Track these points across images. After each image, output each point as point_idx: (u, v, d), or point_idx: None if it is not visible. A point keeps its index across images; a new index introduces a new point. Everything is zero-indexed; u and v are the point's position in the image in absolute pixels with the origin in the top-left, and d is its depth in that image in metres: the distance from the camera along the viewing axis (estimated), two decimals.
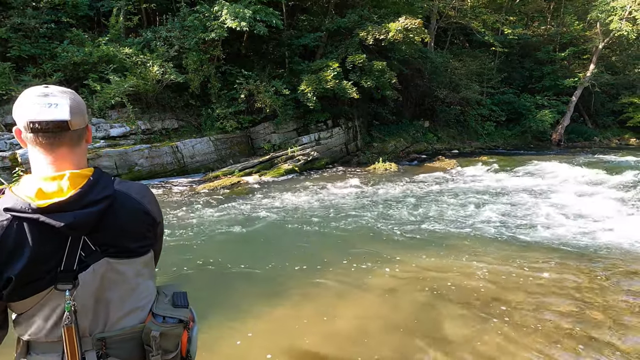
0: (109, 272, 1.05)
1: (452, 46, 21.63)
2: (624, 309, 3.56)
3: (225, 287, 4.10)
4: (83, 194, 0.99)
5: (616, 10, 17.13)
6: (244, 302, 3.78)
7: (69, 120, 1.03)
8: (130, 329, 1.08)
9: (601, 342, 3.07)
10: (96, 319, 1.05)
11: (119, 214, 1.07)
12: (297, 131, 13.88)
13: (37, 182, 0.99)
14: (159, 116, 11.70)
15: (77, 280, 1.01)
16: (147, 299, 1.15)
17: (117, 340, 1.06)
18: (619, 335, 3.15)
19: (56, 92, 1.05)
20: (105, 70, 10.37)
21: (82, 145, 1.11)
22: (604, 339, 3.10)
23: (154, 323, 1.10)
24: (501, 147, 18.71)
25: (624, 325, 3.29)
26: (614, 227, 5.67)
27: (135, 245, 1.10)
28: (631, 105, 20.44)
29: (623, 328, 3.26)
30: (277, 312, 3.62)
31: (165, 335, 1.09)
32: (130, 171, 9.77)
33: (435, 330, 3.27)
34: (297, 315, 3.58)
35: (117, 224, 1.07)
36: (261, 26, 11.61)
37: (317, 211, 7.01)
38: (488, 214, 6.66)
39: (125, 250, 1.08)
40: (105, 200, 1.03)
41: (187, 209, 7.21)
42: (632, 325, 3.29)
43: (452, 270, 4.45)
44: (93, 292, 1.03)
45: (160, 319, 1.11)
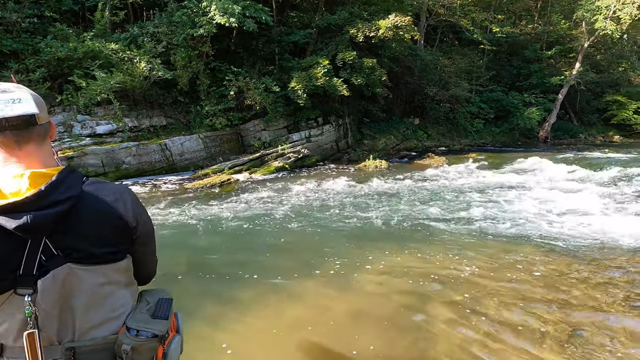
0: (72, 279, 0.99)
1: (442, 44, 21.78)
2: (607, 303, 3.64)
3: (212, 288, 4.05)
4: (42, 194, 0.93)
5: (601, 9, 17.46)
6: (230, 302, 3.76)
7: (37, 114, 0.98)
8: (101, 340, 1.03)
9: (585, 336, 3.14)
10: (64, 327, 1.00)
11: (84, 217, 1.01)
12: (287, 128, 13.83)
13: (1, 181, 0.96)
14: (146, 113, 11.52)
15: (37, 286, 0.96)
16: (123, 309, 1.09)
17: (87, 350, 1.01)
18: (602, 330, 3.23)
19: (12, 87, 1.00)
20: (90, 66, 10.15)
21: (48, 142, 1.07)
22: (588, 333, 3.17)
23: (127, 336, 1.04)
24: (490, 144, 18.95)
25: (606, 319, 3.37)
26: (597, 223, 5.80)
27: (102, 250, 1.03)
28: (615, 103, 20.89)
29: (605, 321, 3.34)
30: (264, 311, 3.61)
31: (137, 349, 1.03)
32: (118, 169, 9.61)
33: (422, 325, 3.30)
34: (286, 313, 3.57)
35: (80, 227, 1.01)
36: (250, 22, 11.51)
37: (307, 209, 7.01)
38: (475, 210, 6.74)
39: (90, 255, 1.02)
40: (68, 201, 0.97)
41: (175, 207, 7.12)
42: (614, 319, 3.38)
43: (440, 267, 4.50)
44: (57, 299, 0.98)
45: (134, 332, 1.05)
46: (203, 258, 4.81)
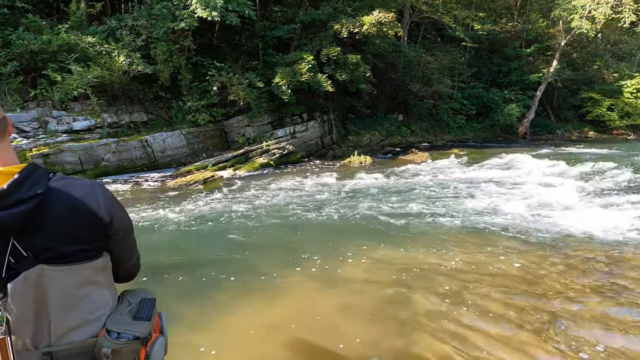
0: (44, 280, 0.96)
1: (425, 41, 21.99)
2: (582, 292, 3.80)
3: (193, 288, 3.97)
4: (3, 194, 0.90)
5: (577, 9, 17.99)
6: (212, 302, 3.72)
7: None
8: (80, 343, 1.00)
9: (563, 325, 3.26)
10: (40, 331, 0.97)
11: (52, 214, 0.97)
12: (272, 124, 13.73)
13: None
14: (126, 109, 11.22)
15: (7, 290, 0.93)
16: (102, 311, 1.06)
17: (65, 355, 0.98)
18: (578, 318, 3.36)
19: None
20: (66, 59, 9.79)
21: (6, 139, 1.02)
22: (565, 322, 3.30)
23: (107, 339, 1.01)
24: (471, 140, 19.34)
25: (582, 308, 3.52)
26: (573, 216, 6.03)
27: (74, 249, 1.00)
28: (590, 100, 21.64)
29: (581, 310, 3.48)
30: (247, 310, 3.60)
31: (117, 352, 1.00)
32: (97, 166, 9.35)
33: (406, 317, 3.36)
34: (270, 311, 3.57)
35: (49, 226, 0.97)
36: (233, 16, 11.32)
37: (292, 205, 7.00)
38: (457, 205, 6.89)
39: (62, 255, 0.98)
40: (34, 199, 0.93)
41: (157, 205, 6.99)
42: (588, 308, 3.52)
43: (422, 260, 4.58)
44: (31, 303, 0.95)
45: (114, 335, 1.02)
46: (185, 257, 4.74)
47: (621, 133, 21.82)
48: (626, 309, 3.42)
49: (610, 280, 3.96)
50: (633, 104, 20.65)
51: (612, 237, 5.17)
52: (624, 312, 3.36)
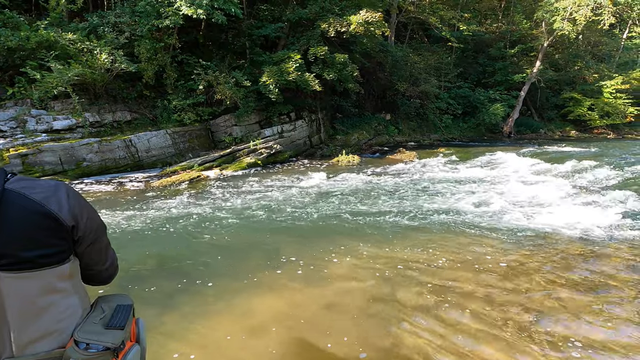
0: (2, 288, 0.92)
1: (412, 41, 22.19)
2: (564, 289, 3.88)
3: (174, 293, 3.87)
4: None
5: (559, 10, 18.41)
6: (193, 306, 3.65)
7: None
8: (45, 355, 0.96)
9: (545, 322, 3.32)
10: (1, 341, 0.93)
11: (8, 218, 0.92)
12: (259, 124, 13.63)
13: None
14: (109, 108, 10.97)
15: None
16: (70, 320, 1.01)
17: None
18: (561, 315, 3.43)
19: None
20: (45, 57, 9.50)
21: None
22: (548, 320, 3.36)
23: (75, 350, 0.96)
24: (458, 139, 19.60)
25: (564, 306, 3.59)
26: (556, 213, 6.15)
27: (34, 254, 0.95)
28: (571, 100, 22.18)
29: (563, 308, 3.55)
30: (231, 314, 3.55)
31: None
32: (78, 167, 9.10)
33: (392, 315, 3.37)
34: (254, 314, 3.53)
35: (5, 230, 0.92)
36: (219, 14, 11.18)
37: (277, 206, 6.95)
38: (443, 204, 6.95)
39: (21, 261, 0.93)
40: None
41: (140, 206, 6.84)
42: (571, 305, 3.60)
43: (407, 259, 4.61)
44: None
45: (83, 346, 0.97)
46: (162, 261, 4.62)
47: (601, 132, 22.45)
48: (608, 305, 3.51)
49: (592, 277, 4.05)
50: (612, 104, 21.25)
51: (593, 234, 5.29)
52: (605, 308, 3.44)
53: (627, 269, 4.19)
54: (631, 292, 3.70)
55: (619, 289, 3.77)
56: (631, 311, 3.37)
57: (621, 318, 3.28)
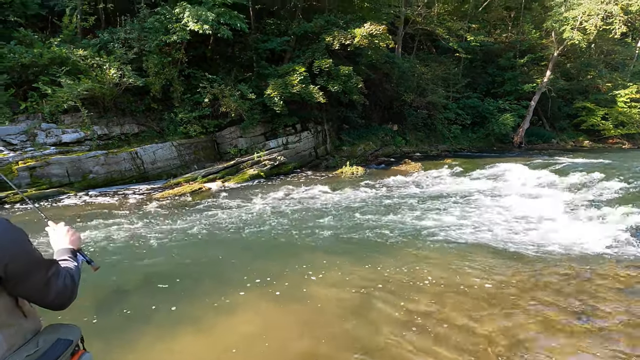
0: None
1: (419, 52, 22.19)
2: (549, 315, 3.72)
3: (149, 308, 3.82)
4: None
5: (568, 20, 18.17)
6: (169, 323, 3.62)
7: None
8: None
9: (523, 351, 3.18)
10: None
11: None
12: (264, 135, 13.76)
13: None
14: (117, 121, 11.26)
15: None
16: None
17: None
18: (542, 344, 3.28)
19: None
20: (56, 72, 9.86)
21: None
22: (527, 349, 3.22)
23: None
24: (466, 149, 19.34)
25: (545, 332, 3.44)
26: (555, 230, 5.95)
27: None
28: (584, 109, 21.70)
29: (545, 335, 3.40)
30: (210, 331, 3.53)
31: None
32: (84, 179, 9.33)
33: (371, 332, 3.28)
34: (231, 331, 3.49)
35: None
36: (225, 29, 11.45)
37: (270, 219, 6.88)
38: (440, 218, 6.81)
39: None
40: None
41: (138, 218, 6.92)
42: (553, 331, 3.44)
43: (393, 276, 4.47)
44: None
45: None
46: (143, 278, 4.50)
47: (616, 142, 21.83)
48: (595, 335, 3.34)
49: (579, 300, 3.87)
50: (627, 114, 20.69)
51: (590, 252, 5.08)
52: (591, 336, 3.28)
53: (619, 292, 4.00)
54: (620, 318, 3.52)
55: (607, 314, 3.59)
56: (617, 340, 3.20)
57: (607, 345, 3.12)
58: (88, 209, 7.74)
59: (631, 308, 3.69)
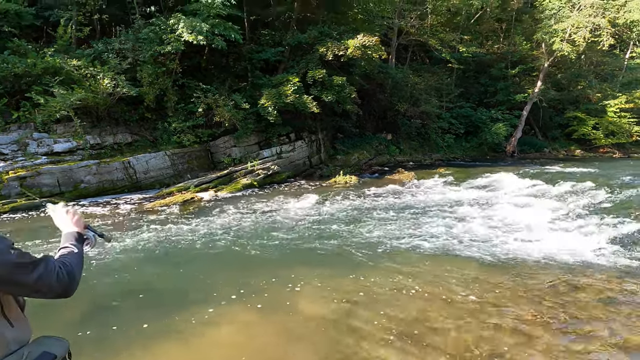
0: None
1: (412, 62, 22.50)
2: (534, 325, 3.73)
3: (131, 319, 3.77)
4: None
5: (558, 32, 18.56)
6: (153, 333, 3.61)
7: None
8: None
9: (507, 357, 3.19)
10: None
11: None
12: (258, 145, 13.80)
13: None
14: (110, 130, 11.26)
15: None
16: None
17: None
18: (527, 355, 3.29)
19: None
20: (50, 82, 9.88)
21: None
22: (510, 355, 3.22)
23: None
24: (460, 158, 19.50)
25: (530, 343, 3.45)
26: (542, 239, 5.98)
27: None
28: (575, 119, 22.04)
29: (529, 345, 3.41)
30: (195, 342, 3.50)
31: None
32: (76, 188, 9.28)
33: (352, 344, 3.27)
34: (215, 343, 3.47)
35: None
36: (220, 40, 11.56)
37: (259, 230, 6.82)
38: (429, 228, 6.82)
39: None
40: None
41: (125, 228, 6.87)
42: (538, 343, 3.46)
43: (376, 287, 4.46)
44: None
45: None
46: (135, 285, 4.49)
47: (607, 151, 22.13)
48: (577, 343, 3.36)
49: (563, 310, 3.89)
50: (617, 123, 21.03)
51: (575, 263, 5.12)
52: (571, 347, 3.30)
53: (603, 303, 4.02)
54: (604, 330, 3.54)
55: (591, 325, 3.61)
56: (601, 349, 3.22)
57: (588, 355, 3.13)
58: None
59: (611, 319, 3.72)
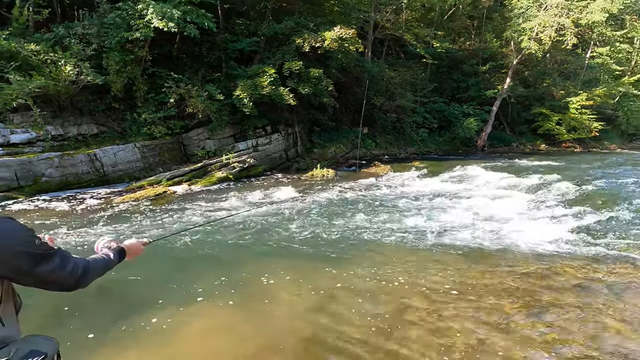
0: None
1: (388, 57, 22.69)
2: (513, 312, 3.87)
3: (97, 325, 3.55)
4: None
5: (526, 31, 19.28)
6: (125, 340, 3.46)
7: None
8: None
9: (489, 344, 3.29)
10: None
11: None
12: (234, 137, 13.49)
13: None
14: (74, 120, 10.61)
15: None
16: None
17: None
18: (508, 341, 3.40)
19: None
20: (5, 68, 9.14)
21: None
22: (491, 341, 3.32)
23: None
24: (433, 152, 19.97)
25: (509, 329, 3.57)
26: (516, 229, 6.24)
27: None
28: (541, 115, 23.09)
29: (509, 331, 3.53)
30: (169, 349, 3.37)
31: None
32: (36, 182, 8.69)
33: (336, 341, 3.26)
34: (190, 350, 3.36)
35: None
36: (192, 28, 11.12)
37: (234, 225, 6.64)
38: (407, 220, 6.93)
39: None
40: None
41: (93, 225, 6.51)
42: (517, 328, 3.58)
43: (357, 280, 4.48)
44: None
45: None
46: (104, 283, 4.27)
47: (569, 146, 23.38)
48: (553, 327, 3.51)
49: (539, 298, 4.06)
50: (578, 119, 22.22)
51: (546, 251, 5.37)
52: (551, 330, 3.45)
53: (574, 289, 4.24)
54: (576, 313, 3.73)
55: (562, 310, 3.80)
56: (575, 334, 3.38)
57: (563, 341, 3.29)
58: (39, 215, 7.20)
59: (584, 303, 3.91)
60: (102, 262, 1.47)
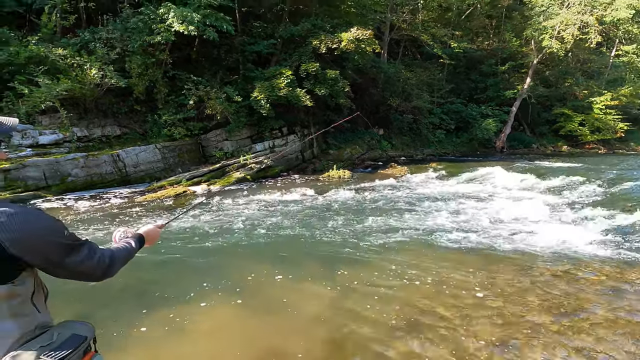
0: None
1: (404, 57, 22.51)
2: (539, 313, 3.77)
3: (109, 323, 3.55)
4: None
5: (547, 29, 18.81)
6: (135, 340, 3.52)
7: None
8: None
9: (512, 349, 3.20)
10: None
11: None
12: (251, 138, 13.64)
13: None
14: (98, 122, 10.94)
15: None
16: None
17: None
18: (529, 347, 3.31)
19: None
20: (34, 72, 9.51)
21: None
22: (515, 346, 3.24)
23: None
24: (451, 154, 19.67)
25: (533, 335, 3.48)
26: (537, 231, 6.06)
27: None
28: (562, 115, 22.45)
29: (531, 338, 3.43)
30: (179, 349, 3.42)
31: None
32: (63, 182, 9.00)
33: (346, 340, 3.24)
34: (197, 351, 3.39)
35: None
36: (211, 31, 11.32)
37: (252, 224, 6.67)
38: (425, 221, 6.82)
39: None
40: None
41: (117, 223, 6.69)
42: (541, 334, 3.48)
43: (374, 283, 4.41)
44: None
45: None
46: (120, 283, 4.25)
47: (592, 147, 22.64)
48: (582, 333, 3.40)
49: (568, 302, 3.92)
50: (602, 120, 21.51)
51: (573, 254, 5.19)
52: (577, 336, 3.34)
53: (603, 293, 4.09)
54: (606, 318, 3.60)
55: (592, 314, 3.67)
56: (605, 341, 3.26)
57: (591, 350, 3.18)
58: (66, 213, 7.46)
59: (615, 307, 3.77)
60: (125, 251, 1.48)
